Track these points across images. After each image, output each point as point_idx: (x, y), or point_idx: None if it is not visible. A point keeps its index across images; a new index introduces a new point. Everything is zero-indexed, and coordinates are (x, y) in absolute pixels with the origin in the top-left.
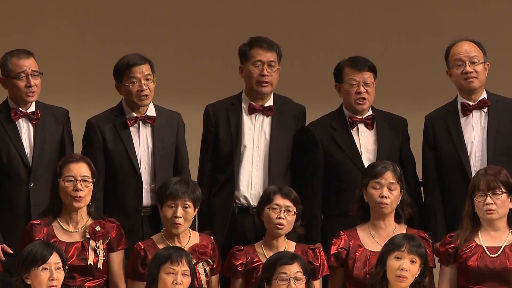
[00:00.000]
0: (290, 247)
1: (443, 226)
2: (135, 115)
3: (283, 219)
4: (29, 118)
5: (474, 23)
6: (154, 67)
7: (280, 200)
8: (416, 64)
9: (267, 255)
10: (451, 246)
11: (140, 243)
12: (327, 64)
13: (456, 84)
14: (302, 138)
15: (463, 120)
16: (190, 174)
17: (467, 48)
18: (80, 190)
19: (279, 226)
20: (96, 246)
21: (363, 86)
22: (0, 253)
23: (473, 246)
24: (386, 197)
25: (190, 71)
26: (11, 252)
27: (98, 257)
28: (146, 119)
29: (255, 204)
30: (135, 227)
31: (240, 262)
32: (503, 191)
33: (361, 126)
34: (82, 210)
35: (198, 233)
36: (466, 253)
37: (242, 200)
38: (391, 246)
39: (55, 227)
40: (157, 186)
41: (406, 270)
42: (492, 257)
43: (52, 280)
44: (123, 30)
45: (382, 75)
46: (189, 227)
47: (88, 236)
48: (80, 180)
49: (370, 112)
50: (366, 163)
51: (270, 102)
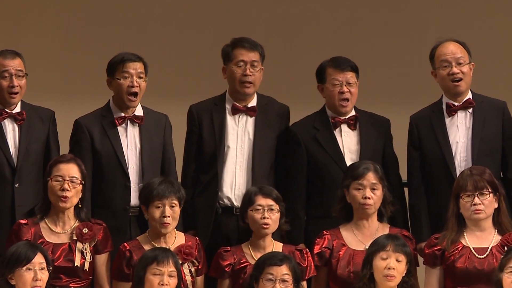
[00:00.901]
0: (277, 248)
1: (428, 226)
2: (123, 114)
3: (268, 218)
4: (14, 118)
5: (458, 23)
6: None
7: (262, 200)
8: (400, 64)
9: (254, 256)
10: (437, 248)
11: (125, 244)
12: (311, 64)
13: (442, 85)
14: (286, 138)
15: (448, 120)
16: (177, 175)
17: (453, 49)
18: (67, 190)
19: (265, 226)
20: (83, 248)
21: (346, 86)
22: None
23: (460, 248)
24: (369, 198)
25: (174, 72)
26: None
27: (85, 259)
28: (134, 119)
29: (238, 204)
30: (123, 226)
31: (228, 262)
32: (490, 191)
33: (344, 127)
34: (69, 211)
35: (183, 233)
36: (454, 254)
37: (226, 201)
38: (376, 247)
39: (43, 228)
40: None
41: (394, 269)
42: (480, 258)
43: (36, 280)
44: (109, 31)
45: (366, 76)
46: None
47: (75, 238)
48: (67, 180)
49: (353, 113)
50: (348, 164)
51: (253, 103)
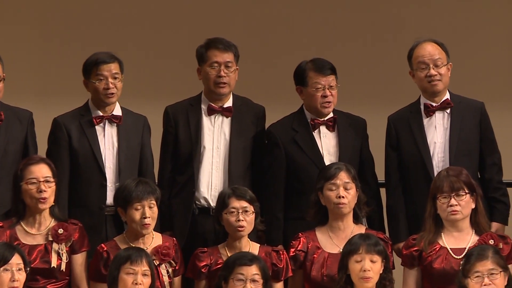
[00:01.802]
0: (254, 248)
1: (405, 227)
2: (101, 114)
3: (243, 220)
4: None
5: (435, 23)
6: None
7: (236, 203)
8: (376, 64)
9: None
10: (415, 249)
11: (102, 245)
12: (287, 65)
13: (419, 86)
14: (263, 139)
15: (426, 121)
16: (155, 177)
17: (430, 51)
18: (44, 191)
19: (240, 229)
20: (59, 248)
21: (328, 89)
22: None
23: (437, 249)
24: (343, 197)
25: (149, 73)
26: None
27: (61, 259)
28: (112, 119)
29: (215, 205)
30: (99, 225)
31: (204, 263)
32: (466, 191)
33: (322, 128)
34: (45, 211)
35: (160, 234)
36: (431, 255)
37: (202, 201)
38: (349, 250)
39: (18, 230)
40: None
41: (369, 270)
42: (457, 258)
43: (14, 281)
44: (86, 32)
45: (343, 76)
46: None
47: (50, 239)
48: (43, 182)
49: (332, 114)
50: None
51: (229, 103)
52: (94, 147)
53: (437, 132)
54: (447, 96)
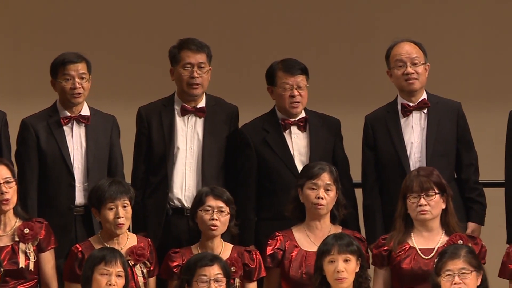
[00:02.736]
0: (227, 249)
1: (382, 227)
2: (69, 114)
3: (216, 220)
4: None
5: (410, 23)
6: None
7: (212, 202)
8: (351, 65)
9: None
10: (385, 248)
11: (77, 245)
12: (261, 65)
13: (396, 85)
14: (236, 140)
15: (403, 121)
16: (124, 176)
17: (408, 49)
18: (6, 193)
19: (213, 228)
20: (26, 248)
21: (296, 89)
22: None
23: (406, 248)
24: (322, 198)
25: (122, 74)
26: None
27: (29, 259)
28: (80, 119)
29: (188, 205)
30: (68, 225)
31: (176, 264)
32: (436, 192)
33: (294, 129)
34: (9, 212)
35: (135, 235)
36: (400, 255)
37: (176, 202)
38: (322, 251)
39: None
40: (90, 186)
41: (343, 271)
42: (425, 259)
43: None
44: (58, 33)
45: (317, 77)
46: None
47: (17, 239)
48: (3, 183)
49: (303, 114)
50: (299, 166)
51: (202, 103)
52: (62, 147)
53: (414, 132)
54: (424, 96)
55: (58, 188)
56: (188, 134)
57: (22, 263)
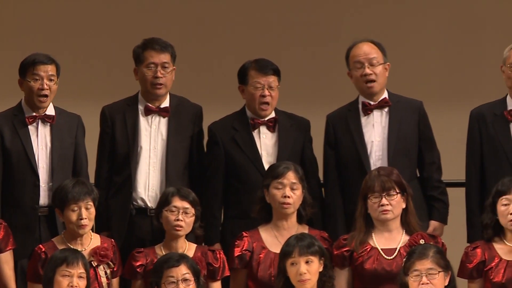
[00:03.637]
0: (190, 248)
1: (343, 225)
2: (34, 114)
3: (181, 221)
4: None
5: (372, 24)
6: None
7: (178, 202)
8: (318, 66)
9: None
10: (346, 249)
11: (40, 246)
12: (225, 65)
13: (356, 86)
14: (201, 139)
15: (364, 119)
16: (89, 176)
17: (366, 50)
18: None
19: (178, 228)
20: None
21: (267, 89)
22: None
23: (368, 249)
24: (288, 197)
25: (86, 73)
26: None
27: None
28: (45, 118)
29: (152, 205)
30: (32, 225)
31: (140, 263)
32: (397, 191)
33: (263, 128)
34: None
35: (99, 235)
36: (362, 256)
37: (140, 202)
38: (283, 253)
39: None
40: (54, 186)
41: (305, 273)
42: (388, 259)
43: None
44: (22, 33)
45: (285, 78)
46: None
47: None
48: None
49: (273, 115)
50: (266, 165)
51: (166, 103)
52: (27, 147)
53: (375, 130)
54: (385, 95)
55: (22, 187)
56: (152, 134)
57: None
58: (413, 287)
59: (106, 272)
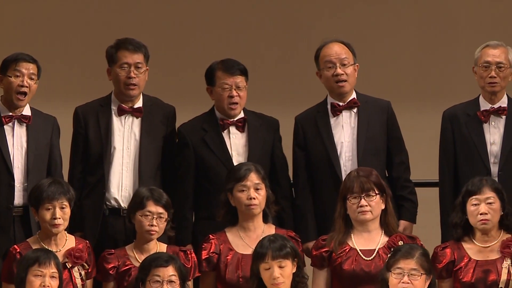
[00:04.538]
0: (161, 249)
1: (314, 226)
2: (10, 114)
3: (155, 226)
4: None
5: (343, 25)
6: None
7: (152, 207)
8: (286, 65)
9: (138, 258)
10: (325, 249)
11: (15, 246)
12: (197, 66)
13: (326, 86)
14: (174, 139)
15: (333, 120)
16: (63, 177)
17: (337, 50)
18: None
19: (152, 232)
20: None
21: (235, 90)
22: None
23: (347, 250)
24: (254, 198)
25: (60, 74)
26: None
27: None
28: (22, 119)
29: (125, 205)
30: (6, 226)
31: (112, 265)
32: (376, 192)
33: (232, 129)
34: None
35: (74, 236)
36: (341, 256)
37: (113, 202)
38: (256, 256)
39: None
40: (29, 186)
41: (278, 277)
42: (366, 260)
43: None
44: None
45: (254, 78)
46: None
47: None
48: None
49: (242, 115)
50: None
51: (139, 104)
52: (3, 146)
53: (344, 131)
54: (353, 95)
55: None
56: (125, 134)
57: None
58: (393, 283)
59: (80, 274)
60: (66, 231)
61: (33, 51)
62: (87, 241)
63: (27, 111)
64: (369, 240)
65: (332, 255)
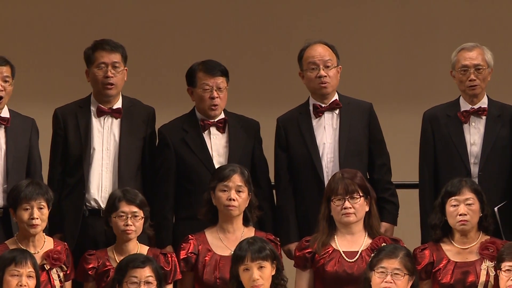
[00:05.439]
0: (142, 251)
1: (295, 227)
2: None
3: (131, 225)
4: None
5: (324, 26)
6: None
7: (125, 207)
8: (268, 66)
9: (117, 259)
10: (308, 250)
11: None
12: (177, 67)
13: (309, 87)
14: (153, 140)
15: (315, 121)
16: (43, 178)
17: (321, 52)
18: None
19: (128, 232)
20: None
21: (216, 91)
22: None
23: (330, 251)
24: (234, 199)
25: (39, 75)
26: None
27: None
28: (0, 121)
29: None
30: None
31: (91, 266)
32: (361, 194)
33: (212, 129)
34: None
35: (52, 238)
36: (324, 258)
37: (93, 203)
38: (236, 258)
39: None
40: (9, 187)
41: (258, 279)
42: (349, 262)
43: None
44: None
45: (236, 79)
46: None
47: None
48: None
49: (222, 116)
50: (217, 166)
51: (118, 104)
52: None
53: (326, 132)
54: (335, 97)
55: None
56: (105, 135)
57: None
58: (376, 283)
59: (59, 275)
60: (45, 233)
61: (12, 52)
62: (66, 243)
63: (5, 113)
64: (352, 242)
65: (315, 256)
